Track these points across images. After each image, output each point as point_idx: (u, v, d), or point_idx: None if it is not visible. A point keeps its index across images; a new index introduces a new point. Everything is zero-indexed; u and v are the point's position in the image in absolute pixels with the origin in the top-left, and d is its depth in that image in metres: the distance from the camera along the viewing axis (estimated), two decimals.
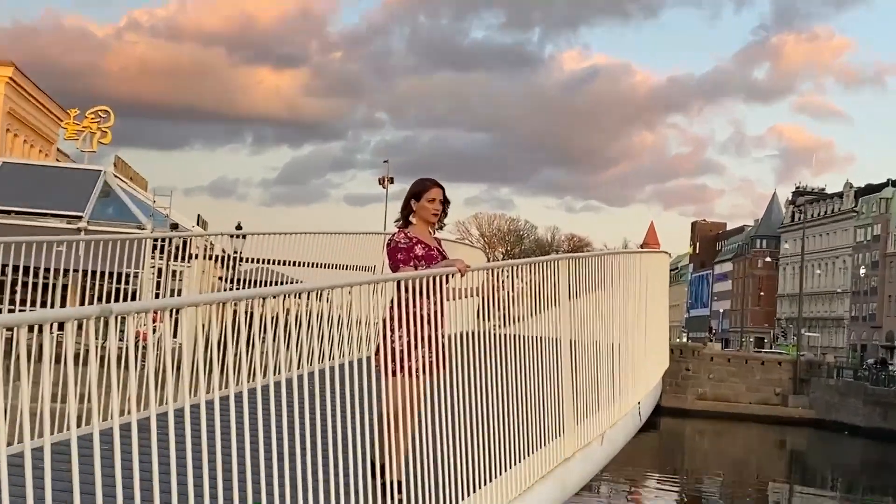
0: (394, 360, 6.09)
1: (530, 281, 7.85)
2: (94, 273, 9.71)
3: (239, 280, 11.57)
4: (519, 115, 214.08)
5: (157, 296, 11.55)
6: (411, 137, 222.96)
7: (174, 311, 4.36)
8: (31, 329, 3.54)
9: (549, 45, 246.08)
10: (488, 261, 39.65)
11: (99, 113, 48.46)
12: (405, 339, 6.11)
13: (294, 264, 12.15)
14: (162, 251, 11.71)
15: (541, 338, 7.91)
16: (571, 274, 8.52)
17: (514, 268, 7.63)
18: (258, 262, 11.89)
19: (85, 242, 9.49)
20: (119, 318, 3.84)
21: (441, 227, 6.98)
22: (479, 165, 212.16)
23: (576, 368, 8.61)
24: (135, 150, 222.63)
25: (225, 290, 11.37)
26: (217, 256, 11.60)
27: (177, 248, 11.62)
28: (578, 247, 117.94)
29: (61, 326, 3.89)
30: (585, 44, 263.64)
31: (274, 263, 12.10)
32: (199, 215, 56.74)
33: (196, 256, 11.15)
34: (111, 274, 9.88)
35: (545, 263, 8.08)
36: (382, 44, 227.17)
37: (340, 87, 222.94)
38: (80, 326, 3.75)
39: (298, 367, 4.94)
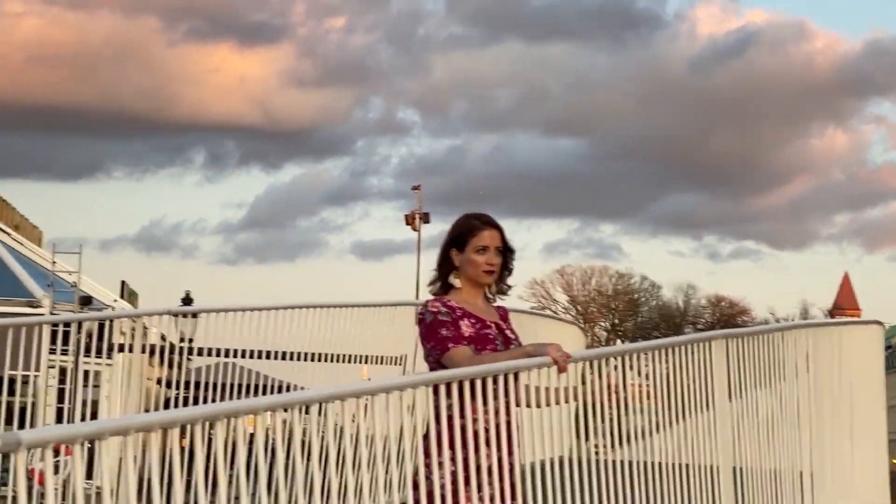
0: None
1: (654, 373, 5.63)
2: None
3: (189, 384, 8.43)
4: (627, 108, 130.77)
5: (59, 411, 8.74)
6: (457, 149, 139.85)
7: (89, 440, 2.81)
8: None
9: None
10: (589, 344, 29.94)
11: None
12: (447, 472, 4.28)
13: (275, 356, 8.73)
14: (67, 341, 8.31)
15: (677, 466, 5.70)
16: (733, 361, 6.26)
17: (638, 355, 5.43)
18: (219, 353, 8.45)
19: None
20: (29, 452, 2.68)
21: (505, 292, 4.92)
22: (566, 190, 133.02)
23: None
24: (19, 183, 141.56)
25: (168, 399, 8.40)
26: (154, 347, 8.44)
27: (90, 337, 8.15)
28: (728, 315, 78.73)
29: None
30: None
31: (243, 356, 8.63)
32: (123, 283, 46.85)
33: (122, 348, 8.13)
34: None
35: (690, 347, 5.87)
36: (409, 2, 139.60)
37: (343, 72, 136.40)
38: None
39: None
